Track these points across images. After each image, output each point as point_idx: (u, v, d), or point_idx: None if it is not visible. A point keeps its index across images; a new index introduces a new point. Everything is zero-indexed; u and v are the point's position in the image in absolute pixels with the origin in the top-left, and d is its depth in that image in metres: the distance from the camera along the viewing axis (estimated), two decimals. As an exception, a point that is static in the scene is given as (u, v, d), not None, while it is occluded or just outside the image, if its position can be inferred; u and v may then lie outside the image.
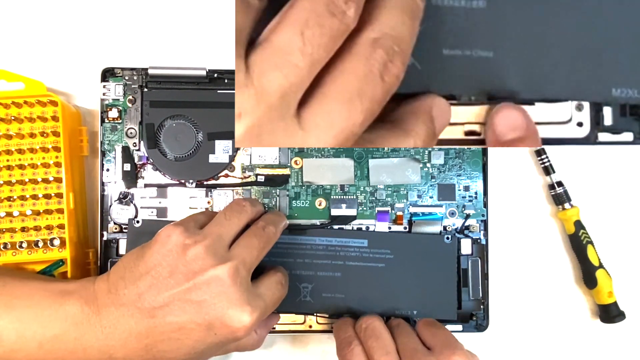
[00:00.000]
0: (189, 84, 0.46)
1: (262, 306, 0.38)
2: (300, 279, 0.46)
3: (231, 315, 0.36)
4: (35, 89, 0.44)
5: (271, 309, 0.40)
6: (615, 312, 0.48)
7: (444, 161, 0.47)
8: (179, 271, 0.36)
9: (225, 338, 0.37)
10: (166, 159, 0.46)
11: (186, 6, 0.48)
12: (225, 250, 0.38)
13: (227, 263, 0.37)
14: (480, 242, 0.47)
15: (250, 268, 0.38)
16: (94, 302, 0.37)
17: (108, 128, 0.46)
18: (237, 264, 0.37)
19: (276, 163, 0.47)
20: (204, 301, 0.36)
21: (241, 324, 0.36)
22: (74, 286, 0.38)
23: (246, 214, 0.41)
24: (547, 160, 0.48)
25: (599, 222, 0.49)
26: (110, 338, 0.36)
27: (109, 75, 0.46)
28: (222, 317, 0.36)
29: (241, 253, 0.38)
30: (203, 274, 0.36)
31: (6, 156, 0.44)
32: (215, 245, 0.38)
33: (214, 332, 0.36)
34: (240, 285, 0.37)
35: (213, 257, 0.37)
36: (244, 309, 0.36)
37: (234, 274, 0.37)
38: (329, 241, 0.46)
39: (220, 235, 0.38)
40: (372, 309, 0.45)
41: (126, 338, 0.36)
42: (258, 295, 0.38)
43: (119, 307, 0.36)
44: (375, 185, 0.47)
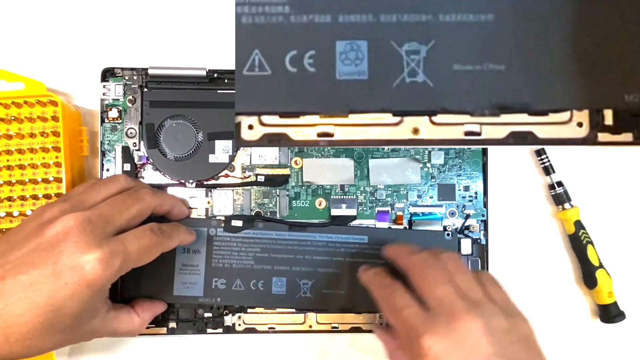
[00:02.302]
0: (189, 84, 0.46)
1: (120, 249, 0.37)
2: (300, 275, 0.46)
3: (78, 258, 0.35)
4: (35, 89, 0.44)
5: (138, 255, 0.38)
6: (615, 312, 0.48)
7: (444, 161, 0.47)
8: (32, 231, 0.36)
9: (77, 286, 0.35)
10: (166, 159, 0.46)
11: (186, 6, 0.48)
12: (81, 208, 0.37)
13: (77, 212, 0.36)
14: (480, 242, 0.47)
15: (110, 221, 0.38)
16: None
17: (108, 128, 0.46)
18: (90, 214, 0.37)
19: (276, 163, 0.47)
20: (52, 251, 0.35)
21: (90, 265, 0.35)
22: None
23: (117, 183, 0.41)
24: (547, 160, 0.48)
25: (599, 222, 0.49)
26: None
27: (109, 75, 0.46)
28: (70, 262, 0.35)
29: (100, 207, 0.38)
30: (52, 226, 0.36)
31: (6, 156, 0.44)
32: (72, 204, 0.37)
33: (63, 280, 0.35)
34: (91, 232, 0.36)
35: (65, 212, 0.37)
36: (91, 251, 0.35)
37: (84, 221, 0.36)
38: (329, 237, 0.46)
39: (81, 200, 0.38)
40: (373, 305, 0.45)
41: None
42: (116, 240, 0.37)
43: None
44: (375, 185, 0.47)
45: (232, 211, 0.47)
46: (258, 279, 0.46)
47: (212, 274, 0.46)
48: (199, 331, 0.46)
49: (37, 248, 0.36)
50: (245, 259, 0.46)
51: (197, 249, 0.46)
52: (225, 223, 0.46)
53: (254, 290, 0.46)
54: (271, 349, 0.48)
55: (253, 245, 0.46)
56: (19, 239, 0.37)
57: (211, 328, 0.46)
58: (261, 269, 0.46)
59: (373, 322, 0.47)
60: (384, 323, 0.47)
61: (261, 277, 0.46)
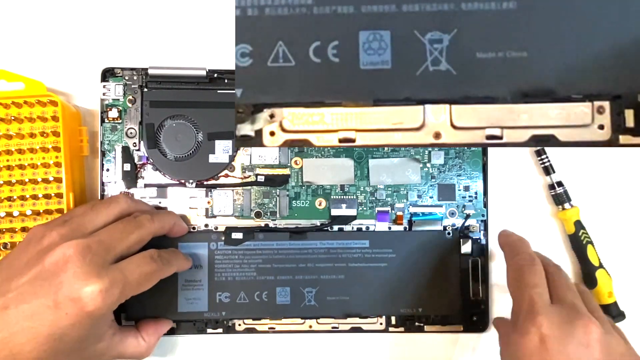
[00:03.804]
0: (189, 84, 0.46)
1: (120, 278, 0.36)
2: (303, 283, 0.46)
3: (78, 289, 0.35)
4: (35, 89, 0.44)
5: (138, 283, 0.38)
6: (615, 312, 0.48)
7: (444, 161, 0.47)
8: (32, 258, 0.36)
9: (78, 317, 0.35)
10: (166, 159, 0.46)
11: (186, 6, 0.48)
12: (83, 234, 0.37)
13: (76, 240, 0.36)
14: (480, 242, 0.47)
15: (110, 248, 0.37)
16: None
17: (108, 128, 0.46)
18: (90, 242, 0.36)
19: (276, 163, 0.47)
20: (52, 281, 0.35)
21: (89, 297, 0.35)
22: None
23: (117, 205, 0.40)
24: (547, 160, 0.48)
25: (599, 222, 0.49)
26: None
27: (109, 75, 0.46)
28: (70, 293, 0.35)
29: (100, 234, 0.38)
30: (52, 254, 0.36)
31: (6, 156, 0.44)
32: (73, 230, 0.37)
33: (64, 311, 0.35)
34: (90, 261, 0.36)
35: (65, 238, 0.36)
36: (91, 282, 0.35)
37: (83, 249, 0.36)
38: (330, 244, 0.46)
39: (81, 223, 0.38)
40: (377, 309, 0.46)
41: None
42: (115, 269, 0.37)
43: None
44: (375, 185, 0.47)
45: (232, 211, 0.47)
46: (262, 290, 0.46)
47: (216, 288, 0.45)
48: (199, 331, 0.46)
49: (37, 277, 0.35)
50: (247, 270, 0.46)
51: (199, 264, 0.46)
52: (226, 236, 0.46)
53: (258, 301, 0.46)
54: (271, 350, 0.48)
55: (255, 257, 0.46)
56: (20, 264, 0.36)
57: (211, 328, 0.46)
58: (264, 280, 0.46)
59: (374, 323, 0.47)
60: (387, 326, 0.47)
61: (265, 288, 0.46)
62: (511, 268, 0.41)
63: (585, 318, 0.36)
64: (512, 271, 0.41)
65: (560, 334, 0.35)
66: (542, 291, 0.38)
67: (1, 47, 0.47)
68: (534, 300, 0.37)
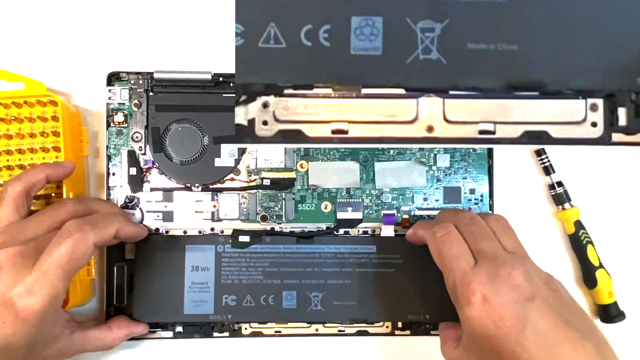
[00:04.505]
0: (194, 88, 0.46)
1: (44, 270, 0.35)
2: (310, 288, 0.46)
3: (9, 295, 0.35)
4: (35, 89, 0.44)
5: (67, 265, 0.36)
6: (615, 312, 0.48)
7: (449, 164, 0.48)
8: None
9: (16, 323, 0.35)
10: (172, 162, 0.46)
11: (191, 10, 0.48)
12: (20, 242, 0.37)
13: (11, 247, 0.36)
14: (486, 244, 0.48)
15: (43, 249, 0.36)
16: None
17: (114, 132, 0.46)
18: (24, 248, 0.36)
19: (282, 166, 0.47)
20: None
21: (19, 300, 0.35)
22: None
23: (64, 210, 0.40)
24: (547, 160, 0.49)
25: (599, 222, 0.50)
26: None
27: (114, 80, 0.46)
28: (3, 301, 0.35)
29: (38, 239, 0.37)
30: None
31: (6, 156, 0.44)
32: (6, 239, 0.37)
33: (1, 320, 0.35)
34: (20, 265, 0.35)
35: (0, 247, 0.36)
36: (18, 284, 0.35)
37: (14, 256, 0.35)
38: (337, 249, 0.46)
39: (20, 231, 0.38)
40: (384, 315, 0.46)
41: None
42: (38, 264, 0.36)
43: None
44: (381, 188, 0.47)
45: (238, 215, 0.46)
46: (268, 294, 0.46)
47: (222, 290, 0.45)
48: (205, 335, 0.46)
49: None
50: (254, 274, 0.46)
51: (205, 267, 0.45)
52: (233, 239, 0.46)
53: (264, 305, 0.46)
54: (277, 353, 0.48)
55: (261, 260, 0.46)
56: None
57: (217, 332, 0.46)
58: (271, 284, 0.46)
59: (380, 326, 0.47)
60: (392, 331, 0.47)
61: (271, 292, 0.46)
62: (431, 248, 0.42)
63: (506, 265, 0.38)
64: (432, 249, 0.42)
65: (494, 287, 0.37)
66: (465, 256, 0.39)
67: (1, 47, 0.47)
68: (462, 269, 0.39)
